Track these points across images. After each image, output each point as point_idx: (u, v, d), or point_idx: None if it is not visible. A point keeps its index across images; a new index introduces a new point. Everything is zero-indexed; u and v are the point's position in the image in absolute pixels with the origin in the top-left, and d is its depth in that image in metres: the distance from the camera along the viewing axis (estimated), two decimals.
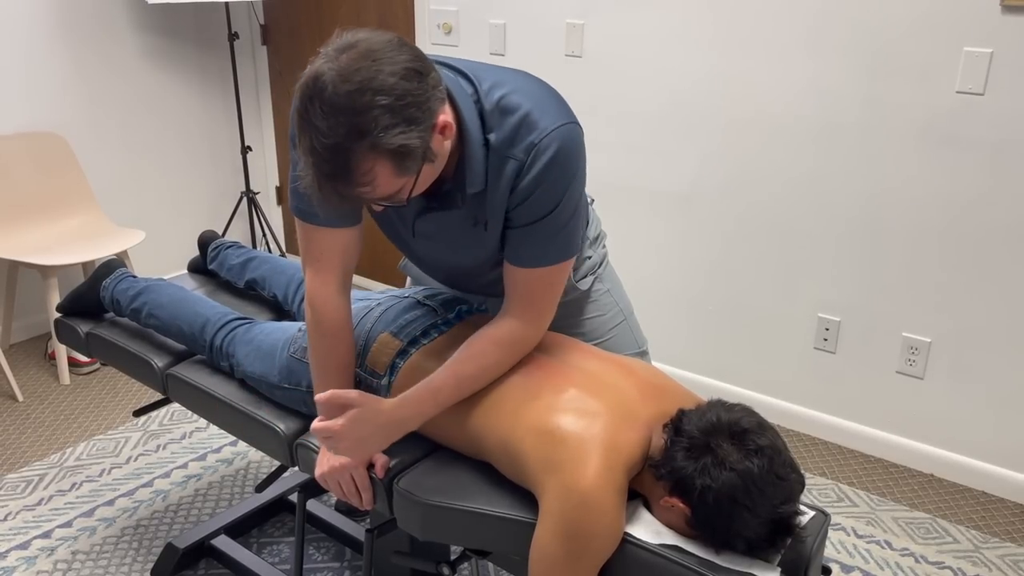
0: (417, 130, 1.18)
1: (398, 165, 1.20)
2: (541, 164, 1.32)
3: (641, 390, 1.40)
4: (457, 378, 1.41)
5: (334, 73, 1.15)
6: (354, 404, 1.36)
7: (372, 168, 1.18)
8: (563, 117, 1.35)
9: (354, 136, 1.15)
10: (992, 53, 2.22)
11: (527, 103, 1.33)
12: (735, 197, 2.74)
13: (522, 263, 1.41)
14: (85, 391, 3.02)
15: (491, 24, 3.08)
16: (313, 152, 1.18)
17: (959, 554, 2.26)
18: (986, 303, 2.40)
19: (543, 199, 1.35)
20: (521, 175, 1.33)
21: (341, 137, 1.15)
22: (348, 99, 1.15)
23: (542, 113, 1.33)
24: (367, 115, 1.15)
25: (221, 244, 2.26)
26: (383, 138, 1.16)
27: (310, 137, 1.17)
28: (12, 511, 2.37)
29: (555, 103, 1.36)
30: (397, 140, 1.17)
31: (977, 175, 2.33)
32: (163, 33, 3.61)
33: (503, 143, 1.33)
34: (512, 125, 1.32)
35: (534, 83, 1.39)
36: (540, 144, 1.32)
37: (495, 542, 1.40)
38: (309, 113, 1.17)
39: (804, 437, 2.80)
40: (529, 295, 1.43)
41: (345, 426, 1.35)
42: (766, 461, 1.23)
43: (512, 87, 1.35)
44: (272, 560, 2.19)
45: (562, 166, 1.34)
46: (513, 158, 1.33)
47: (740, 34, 2.59)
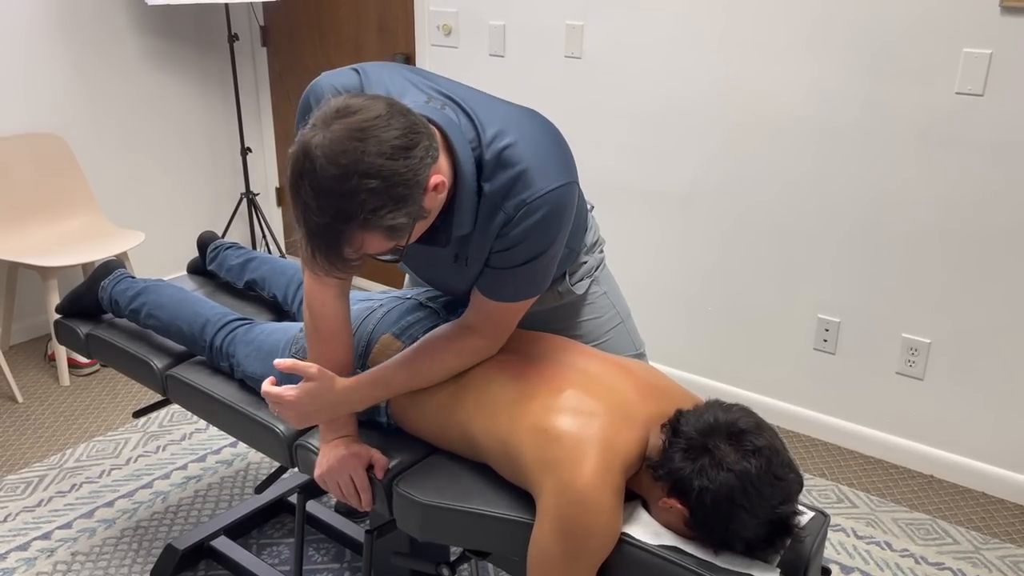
0: (406, 208, 1.20)
1: (388, 237, 1.22)
2: (528, 223, 1.33)
3: (639, 390, 1.40)
4: (411, 373, 1.46)
5: (322, 151, 1.16)
6: (312, 378, 1.42)
7: (362, 243, 1.21)
8: (560, 178, 1.34)
9: (342, 219, 1.17)
10: (991, 54, 2.22)
11: (526, 159, 1.32)
12: (735, 198, 2.74)
13: (492, 296, 1.43)
14: (85, 392, 3.02)
15: (491, 25, 3.08)
16: (306, 225, 1.21)
17: (959, 555, 2.26)
18: (986, 304, 2.40)
19: (524, 252, 1.37)
20: (507, 227, 1.34)
21: (330, 218, 1.18)
22: (335, 183, 1.16)
23: (540, 173, 1.32)
24: (355, 199, 1.16)
25: (220, 245, 2.26)
26: (371, 220, 1.18)
27: (302, 211, 1.20)
28: (12, 512, 2.37)
29: (556, 160, 1.35)
30: (385, 221, 1.19)
31: (977, 176, 2.33)
32: (163, 34, 3.62)
33: (496, 194, 1.33)
34: (508, 179, 1.32)
35: (540, 134, 1.37)
36: (531, 205, 1.32)
37: (494, 543, 1.41)
38: (300, 189, 1.19)
39: (804, 438, 2.80)
40: (494, 320, 1.46)
41: (298, 396, 1.42)
42: (764, 462, 1.23)
43: (516, 137, 1.33)
44: (272, 561, 2.19)
45: (548, 227, 1.35)
46: (502, 210, 1.33)
47: (740, 35, 2.59)
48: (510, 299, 1.43)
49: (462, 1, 3.14)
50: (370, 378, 1.47)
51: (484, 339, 1.47)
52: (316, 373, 1.42)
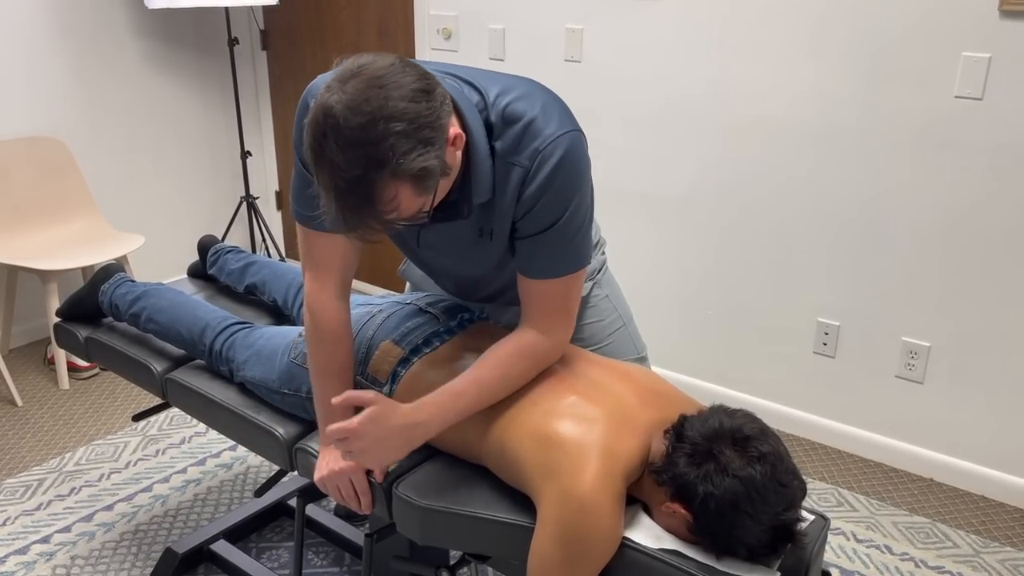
0: (434, 150, 1.19)
1: (419, 186, 1.19)
2: (547, 170, 1.32)
3: (640, 396, 1.40)
4: (479, 386, 1.38)
5: (343, 105, 1.15)
6: (370, 403, 1.34)
7: (396, 194, 1.18)
8: (567, 124, 1.35)
9: (374, 166, 1.15)
10: (990, 58, 2.23)
11: (531, 110, 1.33)
12: (734, 201, 2.74)
13: (535, 275, 1.40)
14: (84, 396, 3.02)
15: (490, 29, 3.09)
16: (335, 188, 1.17)
17: (959, 558, 2.26)
18: (985, 307, 2.40)
19: (550, 206, 1.34)
20: (527, 182, 1.33)
21: (362, 169, 1.15)
22: (362, 131, 1.14)
23: (546, 120, 1.33)
24: (384, 144, 1.15)
25: (221, 249, 2.26)
26: (403, 164, 1.16)
27: (329, 173, 1.17)
28: (11, 516, 2.37)
29: (559, 110, 1.36)
30: (417, 163, 1.17)
31: (976, 179, 2.33)
32: (163, 38, 3.62)
33: (508, 150, 1.33)
34: (516, 132, 1.32)
35: (538, 89, 1.39)
36: (544, 151, 1.31)
37: (494, 546, 1.40)
38: (324, 149, 1.16)
39: (804, 441, 2.80)
40: (546, 307, 1.42)
41: (363, 424, 1.32)
42: (768, 468, 1.22)
43: (517, 94, 1.35)
44: (271, 565, 2.19)
45: (567, 172, 1.33)
46: (518, 165, 1.33)
47: (738, 39, 2.59)
48: (551, 273, 1.39)
49: (462, 5, 3.14)
50: (437, 398, 1.38)
51: (543, 336, 1.41)
52: (374, 398, 1.34)
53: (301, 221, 1.47)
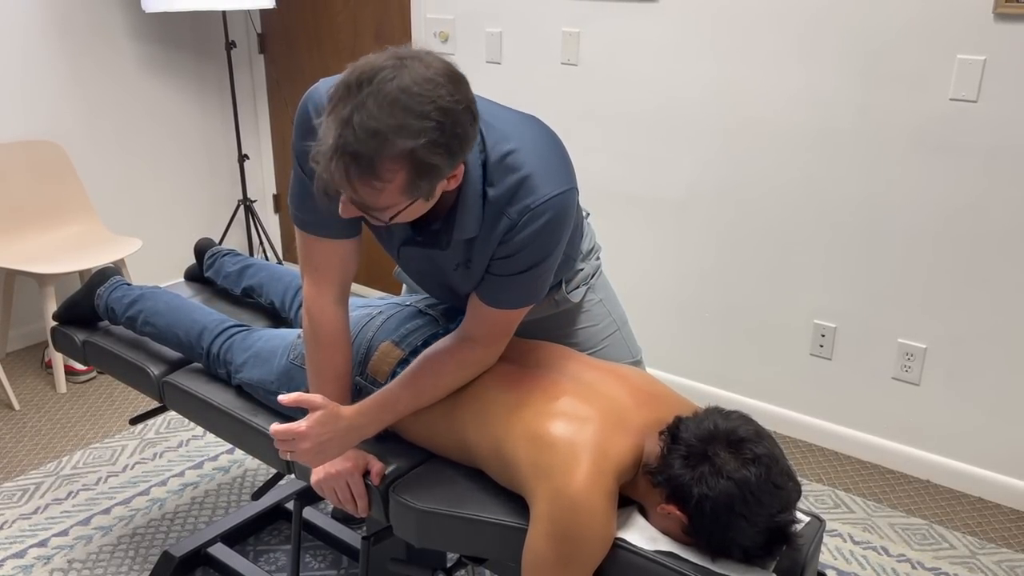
0: (449, 163, 1.20)
1: (412, 184, 1.19)
2: (532, 229, 1.33)
3: (635, 397, 1.40)
4: (415, 392, 1.45)
5: (406, 73, 1.14)
6: (318, 407, 1.38)
7: (394, 175, 1.17)
8: (563, 184, 1.35)
9: (401, 134, 1.14)
10: (985, 61, 2.24)
11: (530, 165, 1.33)
12: (730, 204, 2.74)
13: (492, 304, 1.43)
14: (82, 399, 3.02)
15: (487, 32, 3.09)
16: (348, 125, 1.14)
17: (955, 560, 2.26)
18: (981, 309, 2.41)
19: (525, 258, 1.36)
20: (512, 232, 1.34)
21: (388, 128, 1.13)
22: (413, 100, 1.14)
23: (543, 178, 1.33)
24: (423, 123, 1.14)
25: (218, 252, 2.26)
26: (423, 152, 1.15)
27: (353, 111, 1.14)
28: (8, 520, 2.37)
29: (558, 166, 1.36)
30: (433, 160, 1.17)
31: (971, 181, 2.34)
32: (160, 42, 3.62)
33: (500, 199, 1.33)
34: (512, 184, 1.32)
35: (541, 140, 1.38)
36: (535, 210, 1.32)
37: (490, 548, 1.41)
38: (362, 90, 1.14)
39: (800, 443, 2.80)
40: (493, 328, 1.46)
41: (310, 427, 1.37)
42: (763, 470, 1.23)
43: (519, 143, 1.34)
44: (269, 568, 2.19)
45: (550, 233, 1.35)
46: (507, 216, 1.33)
47: (734, 42, 2.60)
48: (509, 306, 1.43)
49: (459, 8, 3.15)
50: (376, 402, 1.44)
51: (483, 348, 1.46)
52: (322, 402, 1.38)
53: (300, 226, 1.47)
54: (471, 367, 1.47)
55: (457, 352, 1.46)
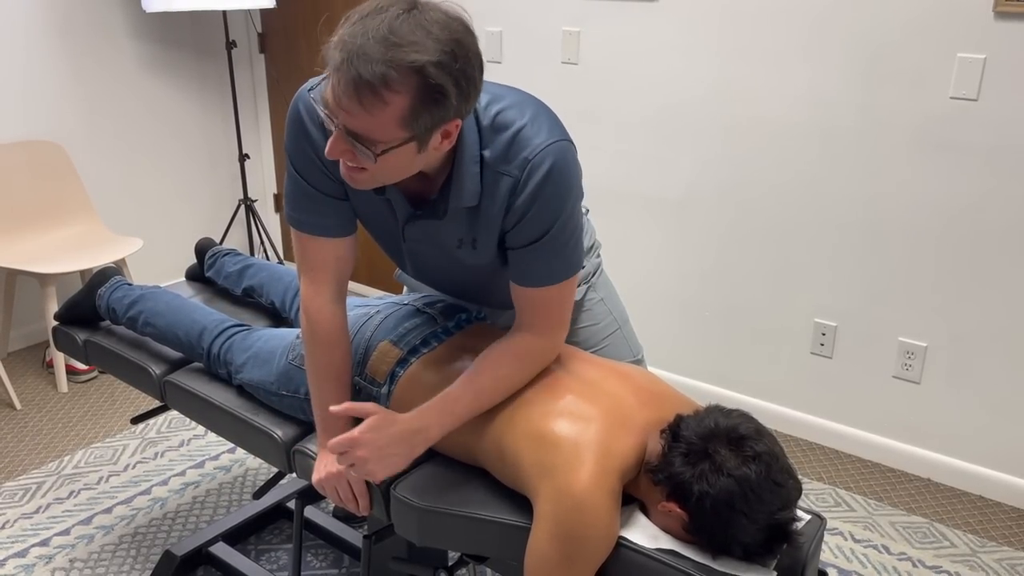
0: (455, 98, 1.18)
1: (413, 112, 1.17)
2: (536, 180, 1.31)
3: (637, 396, 1.40)
4: (475, 390, 1.39)
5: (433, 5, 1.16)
6: (370, 414, 1.34)
7: (396, 96, 1.15)
8: (556, 134, 1.34)
9: (416, 48, 1.13)
10: (985, 59, 2.24)
11: (520, 119, 1.33)
12: (731, 203, 2.75)
13: (528, 283, 1.40)
14: (83, 399, 3.02)
15: (488, 32, 3.09)
16: (364, 35, 1.13)
17: (956, 558, 2.26)
18: (982, 307, 2.41)
19: (541, 216, 1.34)
20: (516, 192, 1.32)
21: (403, 40, 1.13)
22: (431, 26, 1.15)
23: (535, 129, 1.33)
24: (438, 45, 1.15)
25: (218, 251, 2.26)
26: (432, 70, 1.14)
27: (368, 25, 1.13)
28: (10, 519, 2.37)
29: (548, 120, 1.36)
30: (441, 81, 1.15)
31: (972, 180, 2.34)
32: (161, 41, 3.62)
33: (497, 159, 1.32)
34: (505, 141, 1.32)
35: (528, 99, 1.38)
36: (534, 160, 1.31)
37: (492, 547, 1.41)
38: (379, 14, 1.14)
39: (801, 442, 2.81)
40: (541, 312, 1.42)
41: (364, 434, 1.32)
42: (764, 467, 1.23)
43: (507, 103, 1.35)
44: (270, 567, 2.19)
45: (557, 182, 1.32)
46: (507, 175, 1.32)
47: (736, 41, 2.60)
48: (547, 281, 1.39)
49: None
50: (434, 404, 1.38)
51: (539, 337, 1.41)
52: (373, 408, 1.35)
53: (296, 226, 1.47)
54: (531, 360, 1.41)
55: (514, 345, 1.41)
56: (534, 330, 1.42)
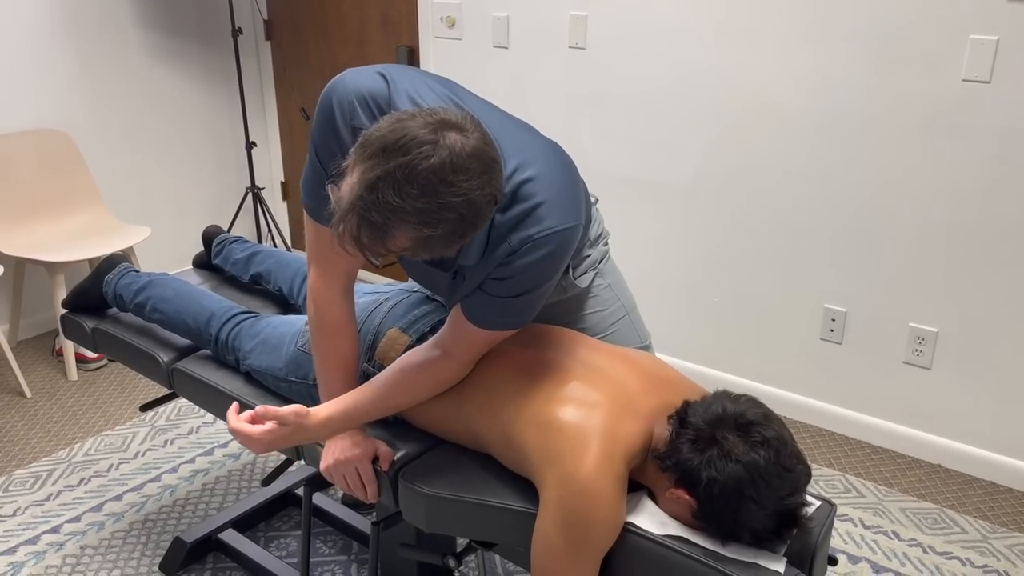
0: (460, 243, 1.21)
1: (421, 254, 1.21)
2: (531, 259, 1.31)
3: (644, 382, 1.40)
4: (387, 405, 1.46)
5: (445, 154, 1.13)
6: (285, 423, 1.40)
7: (402, 246, 1.19)
8: (569, 219, 1.33)
9: (422, 219, 1.14)
10: (998, 41, 2.21)
11: (542, 195, 1.31)
12: (740, 188, 2.73)
13: (475, 321, 1.41)
14: (92, 387, 3.03)
15: (494, 17, 3.07)
16: (373, 191, 1.14)
17: (967, 544, 2.25)
18: (993, 293, 2.39)
19: (519, 284, 1.35)
20: (510, 257, 1.32)
21: (411, 210, 1.14)
22: (445, 189, 1.13)
23: (552, 211, 1.31)
24: (446, 214, 1.15)
25: (225, 239, 2.26)
26: (435, 238, 1.16)
27: (380, 179, 1.13)
28: (21, 506, 2.38)
29: (570, 199, 1.34)
30: (443, 246, 1.19)
31: (983, 164, 2.31)
32: (167, 30, 3.62)
33: (504, 225, 1.31)
34: (519, 213, 1.30)
35: (558, 170, 1.36)
36: (536, 241, 1.30)
37: (500, 533, 1.41)
38: (396, 159, 1.13)
39: (811, 428, 2.80)
40: (469, 345, 1.43)
41: (264, 436, 1.39)
42: (772, 453, 1.22)
43: (535, 172, 1.32)
44: (279, 554, 2.20)
45: (548, 265, 1.33)
46: (508, 242, 1.32)
47: (743, 25, 2.58)
48: (492, 327, 1.41)
49: None
50: (344, 413, 1.45)
51: (456, 364, 1.45)
52: (293, 420, 1.40)
53: (311, 214, 1.46)
54: (444, 384, 1.47)
55: (432, 368, 1.45)
56: (455, 358, 1.44)
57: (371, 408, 1.46)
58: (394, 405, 1.47)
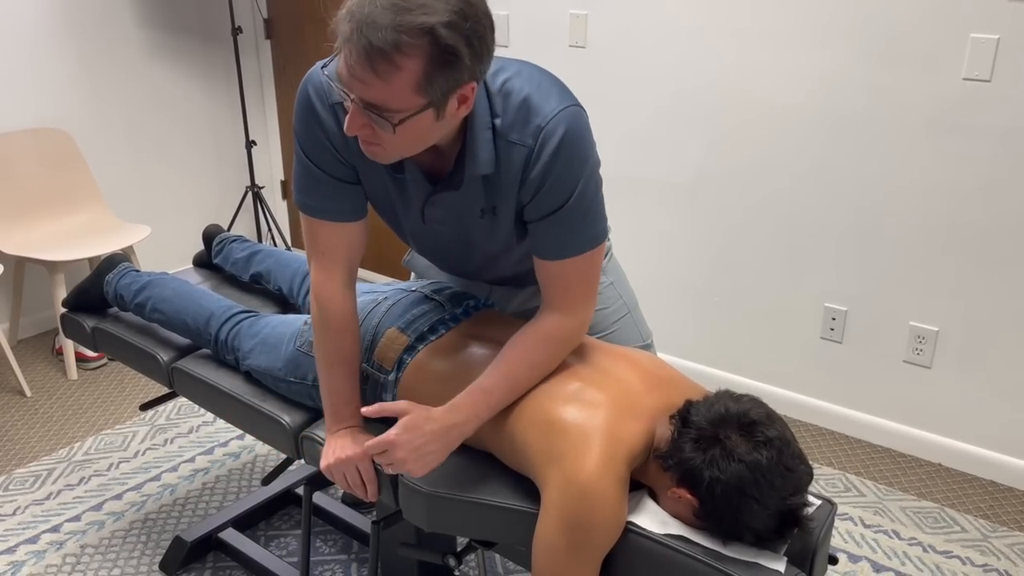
0: (467, 59, 1.17)
1: (428, 76, 1.16)
2: (551, 148, 1.29)
3: (645, 381, 1.39)
4: (508, 379, 1.37)
5: None
6: (403, 413, 1.33)
7: (409, 61, 1.14)
8: (566, 100, 1.33)
9: (424, 9, 1.12)
10: (999, 39, 2.21)
11: (528, 86, 1.32)
12: (741, 187, 2.73)
13: (550, 256, 1.37)
14: (93, 386, 3.03)
15: (495, 15, 3.06)
16: (370, 2, 1.12)
17: (967, 543, 2.25)
18: (994, 292, 2.39)
19: (558, 186, 1.32)
20: (531, 162, 1.31)
21: (412, 4, 1.12)
22: None
23: (544, 96, 1.31)
24: (450, 7, 1.14)
25: (226, 238, 2.26)
26: (444, 31, 1.13)
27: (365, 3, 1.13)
28: (21, 506, 2.38)
29: (556, 87, 1.35)
30: (453, 42, 1.14)
31: (984, 163, 2.31)
32: (167, 28, 3.61)
33: (508, 127, 1.31)
34: (515, 107, 1.31)
35: (534, 68, 1.37)
36: (547, 128, 1.29)
37: (500, 533, 1.41)
38: None
39: (811, 427, 2.80)
40: (565, 287, 1.39)
41: (400, 435, 1.31)
42: (775, 452, 1.22)
43: (513, 72, 1.34)
44: (279, 553, 2.20)
45: (572, 148, 1.31)
46: (521, 144, 1.30)
47: (745, 24, 2.57)
48: (570, 252, 1.36)
49: None
50: (468, 397, 1.36)
51: (566, 316, 1.39)
52: (406, 407, 1.33)
53: (305, 211, 1.46)
54: (560, 343, 1.39)
55: (540, 328, 1.38)
56: (561, 309, 1.39)
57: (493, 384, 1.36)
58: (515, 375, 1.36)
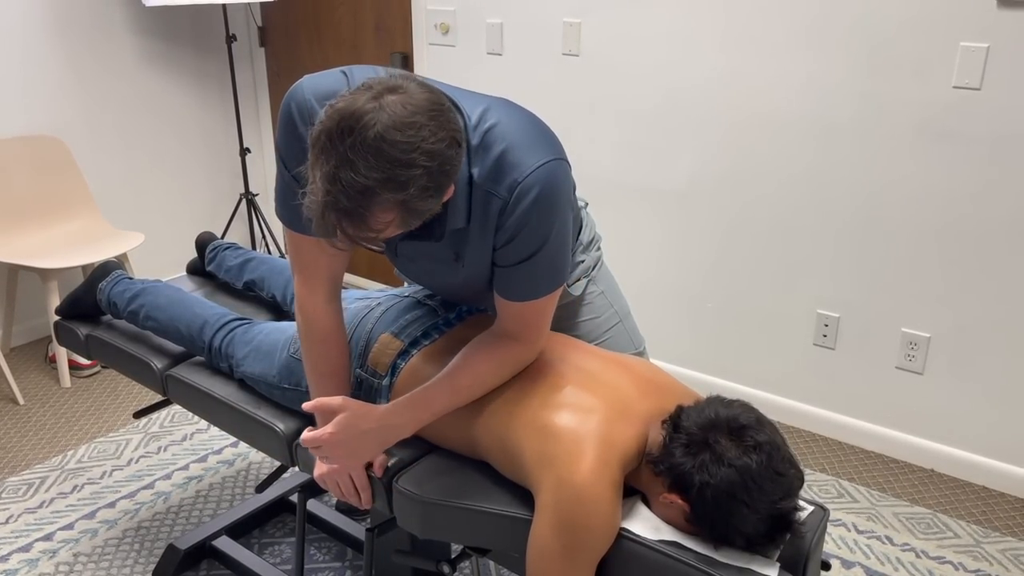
0: (440, 196, 1.19)
1: (410, 221, 1.19)
2: (525, 204, 1.30)
3: (638, 387, 1.40)
4: (453, 390, 1.41)
5: (386, 116, 1.12)
6: (341, 410, 1.37)
7: (386, 222, 1.17)
8: (546, 154, 1.32)
9: (389, 187, 1.13)
10: (988, 48, 2.22)
11: (509, 137, 1.30)
12: (733, 194, 2.74)
13: (512, 298, 1.40)
14: (86, 394, 3.02)
15: (488, 23, 3.08)
16: (335, 182, 1.13)
17: (960, 549, 2.26)
18: (985, 298, 2.40)
19: (529, 239, 1.33)
20: (505, 213, 1.31)
21: (375, 182, 1.12)
22: (397, 149, 1.12)
23: (524, 149, 1.30)
24: (410, 172, 1.13)
25: (219, 245, 2.26)
26: (414, 199, 1.15)
27: (337, 167, 1.12)
28: (14, 514, 2.38)
29: (539, 137, 1.34)
30: (425, 205, 1.17)
31: (974, 170, 2.33)
32: (161, 36, 3.62)
33: (485, 178, 1.30)
34: (494, 160, 1.30)
35: (518, 114, 1.35)
36: (523, 183, 1.29)
37: (495, 539, 1.41)
38: (344, 142, 1.12)
39: (804, 433, 2.80)
40: (524, 323, 1.42)
41: (335, 433, 1.36)
42: (765, 457, 1.23)
43: (497, 119, 1.32)
44: (273, 560, 2.20)
45: (546, 206, 1.31)
46: (496, 195, 1.30)
47: (737, 31, 2.59)
48: (531, 296, 1.39)
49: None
50: (410, 400, 1.41)
51: (520, 344, 1.42)
52: (341, 404, 1.37)
53: (287, 224, 1.46)
54: (510, 364, 1.42)
55: (495, 351, 1.42)
56: (518, 338, 1.42)
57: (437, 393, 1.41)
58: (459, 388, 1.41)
